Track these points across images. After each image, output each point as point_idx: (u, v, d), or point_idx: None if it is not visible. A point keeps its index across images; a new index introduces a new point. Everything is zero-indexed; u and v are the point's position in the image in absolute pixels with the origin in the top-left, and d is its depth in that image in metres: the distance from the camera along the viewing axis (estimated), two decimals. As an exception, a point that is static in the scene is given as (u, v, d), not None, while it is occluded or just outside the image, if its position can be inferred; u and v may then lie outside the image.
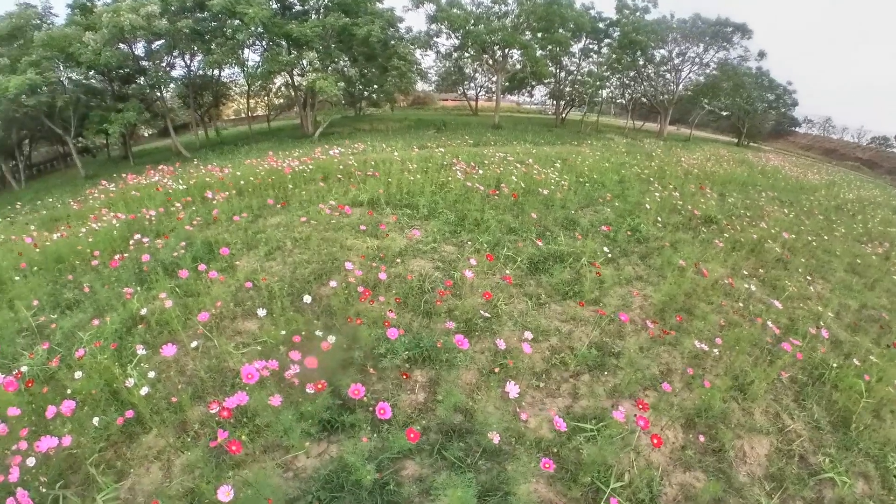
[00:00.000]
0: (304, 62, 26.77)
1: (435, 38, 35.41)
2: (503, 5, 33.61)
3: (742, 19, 37.54)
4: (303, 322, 4.62)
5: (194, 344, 4.39)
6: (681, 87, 39.37)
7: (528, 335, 4.08)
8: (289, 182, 8.87)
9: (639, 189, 10.09)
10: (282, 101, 39.81)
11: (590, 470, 3.33)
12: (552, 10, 31.24)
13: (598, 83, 36.38)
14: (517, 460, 3.39)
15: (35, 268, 6.45)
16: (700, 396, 4.13)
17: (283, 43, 27.47)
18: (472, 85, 46.45)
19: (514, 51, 34.43)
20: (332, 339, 3.81)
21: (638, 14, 34.68)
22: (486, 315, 4.83)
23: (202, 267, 5.14)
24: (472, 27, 31.41)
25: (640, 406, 3.40)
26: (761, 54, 37.89)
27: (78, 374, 3.83)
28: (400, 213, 7.35)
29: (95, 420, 3.52)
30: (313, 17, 27.61)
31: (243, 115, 42.44)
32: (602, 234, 7.15)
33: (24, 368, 4.08)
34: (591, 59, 39.25)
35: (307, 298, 4.54)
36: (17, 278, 6.10)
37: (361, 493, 3.13)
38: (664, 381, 4.21)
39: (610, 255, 6.49)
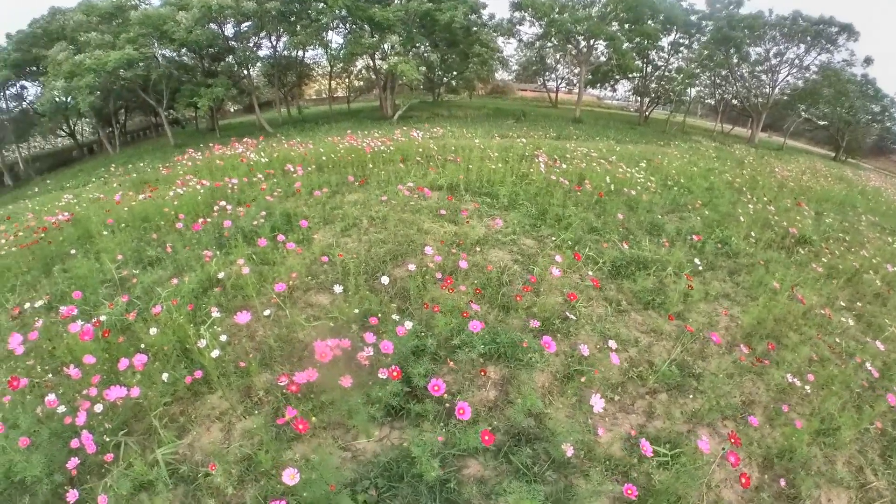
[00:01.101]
0: (386, 46, 26.95)
1: (518, 26, 34.52)
2: (590, -7, 32.32)
3: (848, 19, 33.94)
4: (377, 302, 4.50)
5: (267, 312, 4.36)
6: (776, 90, 36.57)
7: (613, 344, 3.78)
8: (368, 161, 8.79)
9: (729, 198, 9.33)
10: (361, 83, 40.36)
11: (660, 499, 3.05)
12: (642, 0, 29.77)
13: (687, 80, 34.19)
14: (588, 478, 3.13)
15: (122, 224, 6.73)
16: (784, 436, 3.72)
17: (366, 26, 27.70)
18: (553, 76, 45.22)
19: (600, 42, 33.11)
20: (409, 325, 3.65)
21: (731, 8, 32.41)
22: (572, 317, 4.53)
23: (280, 237, 5.13)
24: (556, 15, 30.35)
25: (733, 440, 3.11)
26: (868, 60, 34.37)
27: (153, 331, 3.89)
28: (479, 202, 7.11)
29: (165, 376, 3.58)
30: (396, 1, 27.69)
31: (324, 96, 43.66)
32: (689, 244, 6.62)
33: (102, 318, 4.24)
34: (680, 55, 36.92)
35: (385, 279, 4.42)
36: (105, 233, 6.37)
37: (421, 486, 2.98)
38: (747, 412, 3.88)
39: (700, 268, 5.99)
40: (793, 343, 4.84)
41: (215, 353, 3.61)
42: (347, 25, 29.17)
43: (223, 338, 3.84)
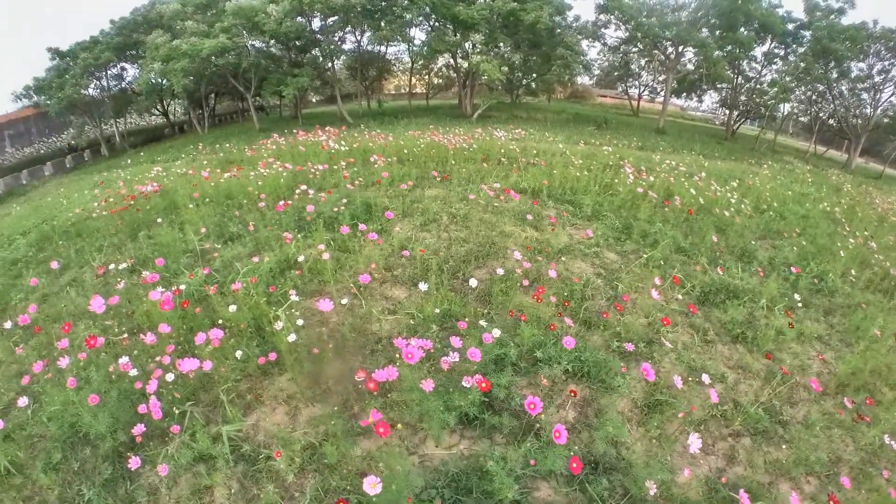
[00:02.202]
0: (468, 45, 26.80)
1: (602, 29, 33.09)
2: (680, -4, 30.45)
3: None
4: (460, 304, 4.32)
5: (345, 301, 4.28)
6: (878, 111, 33.28)
7: (706, 378, 3.45)
8: (450, 157, 8.68)
9: (825, 229, 8.54)
10: (440, 81, 40.53)
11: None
12: (736, 6, 27.27)
13: (781, 95, 31.13)
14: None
15: (207, 199, 6.94)
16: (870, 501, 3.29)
17: (449, 24, 27.66)
18: (636, 83, 43.41)
19: (688, 49, 31.35)
20: (496, 332, 3.45)
21: (832, 17, 29.13)
22: (667, 344, 4.20)
23: (362, 227, 5.06)
24: (643, 19, 28.91)
25: (832, 502, 2.80)
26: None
27: (232, 308, 3.89)
28: (563, 209, 6.81)
29: (238, 353, 3.59)
30: (479, 0, 27.43)
31: (403, 91, 44.23)
32: (782, 276, 6.03)
33: (182, 287, 4.34)
34: (774, 66, 33.73)
35: (473, 282, 4.24)
36: (190, 206, 6.61)
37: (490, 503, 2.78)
38: (832, 470, 3.50)
39: (800, 304, 5.42)
40: (888, 400, 4.31)
41: (292, 338, 3.55)
42: (431, 23, 29.23)
43: (300, 322, 3.77)
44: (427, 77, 39.10)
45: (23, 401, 3.33)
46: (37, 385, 3.61)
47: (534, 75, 33.02)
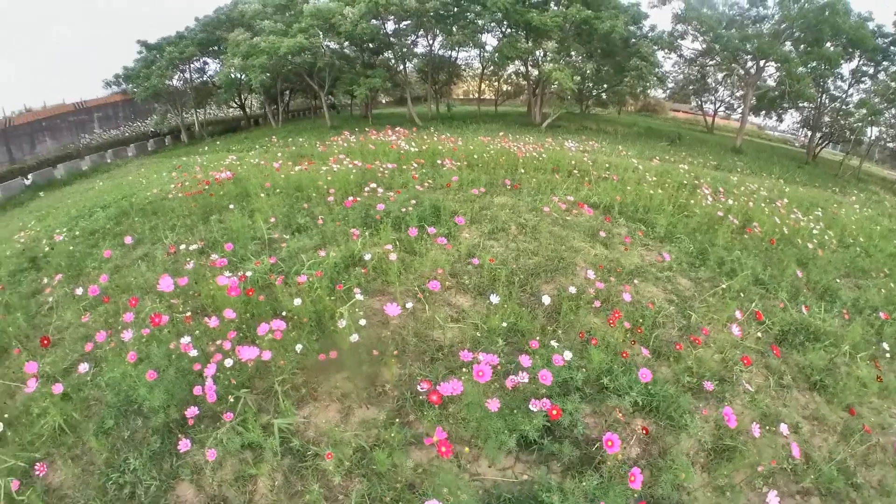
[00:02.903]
0: (539, 52, 26.47)
1: (679, 40, 31.44)
2: (761, 8, 28.68)
3: None
4: (527, 318, 4.15)
5: (409, 305, 4.20)
6: None
7: (785, 429, 3.18)
8: (520, 166, 8.52)
9: None
10: (509, 88, 40.34)
11: None
12: (823, 18, 25.05)
13: (869, 117, 28.25)
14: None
15: (277, 190, 7.08)
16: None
17: (521, 31, 27.47)
18: (712, 98, 41.37)
19: (769, 63, 28.94)
20: (568, 355, 3.31)
21: None
22: (749, 387, 3.88)
23: (431, 229, 4.98)
24: (723, 31, 27.54)
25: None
26: None
27: (297, 301, 3.89)
28: (637, 228, 6.50)
29: (298, 347, 3.55)
30: (553, 7, 26.97)
31: (471, 97, 44.48)
32: (867, 320, 5.45)
33: (248, 273, 4.41)
34: (861, 85, 30.80)
35: (546, 299, 4.08)
36: (261, 195, 6.76)
37: (542, 537, 2.60)
38: None
39: (888, 354, 4.87)
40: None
41: (354, 338, 3.51)
42: (503, 29, 29.14)
43: (363, 322, 3.72)
44: (496, 83, 38.94)
45: (84, 367, 3.44)
46: (99, 351, 3.73)
47: (605, 86, 32.25)
